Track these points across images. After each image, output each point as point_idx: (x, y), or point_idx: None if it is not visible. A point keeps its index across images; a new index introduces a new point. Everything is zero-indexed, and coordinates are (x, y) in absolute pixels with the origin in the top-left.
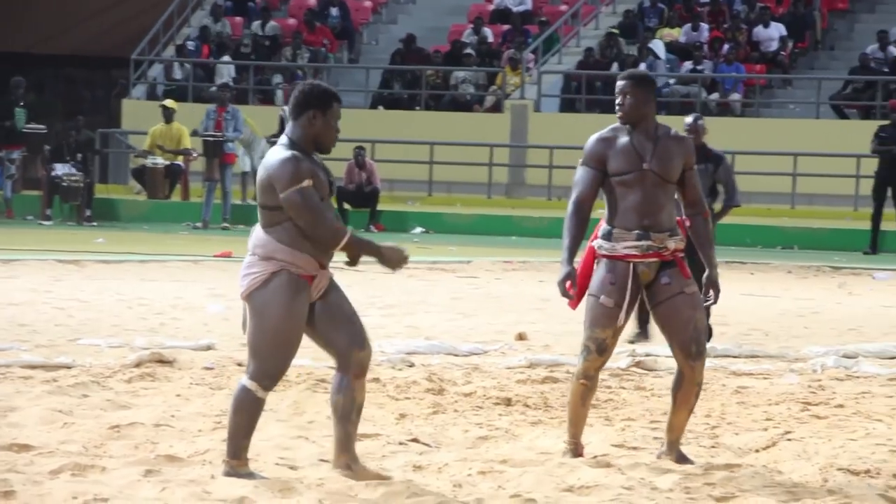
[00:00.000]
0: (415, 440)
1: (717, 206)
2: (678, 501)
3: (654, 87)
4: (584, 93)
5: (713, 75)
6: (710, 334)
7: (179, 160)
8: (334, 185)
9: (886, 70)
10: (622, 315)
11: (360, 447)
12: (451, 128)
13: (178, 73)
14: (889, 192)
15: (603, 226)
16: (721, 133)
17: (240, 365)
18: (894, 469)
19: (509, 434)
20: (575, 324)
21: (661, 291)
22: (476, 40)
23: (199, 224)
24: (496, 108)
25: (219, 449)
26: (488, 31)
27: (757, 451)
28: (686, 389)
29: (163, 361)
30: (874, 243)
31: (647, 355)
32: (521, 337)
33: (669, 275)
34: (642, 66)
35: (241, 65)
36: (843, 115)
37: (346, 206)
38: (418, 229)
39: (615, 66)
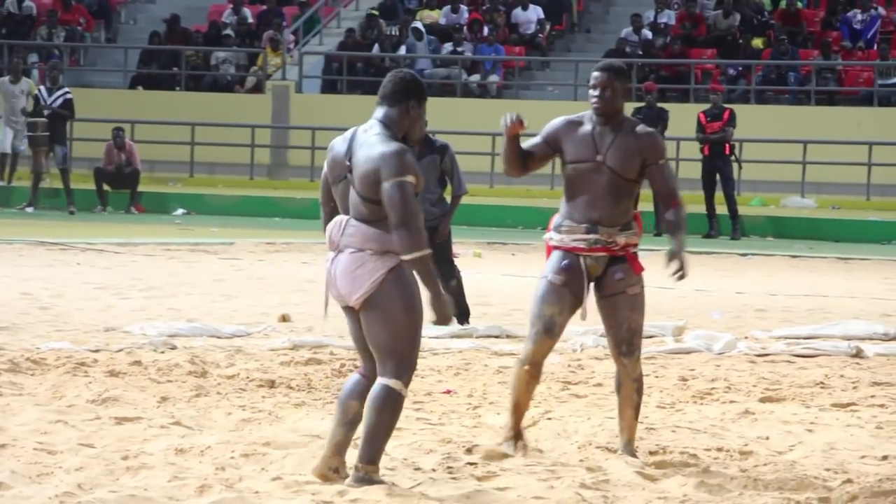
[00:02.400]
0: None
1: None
2: (441, 481)
3: (628, 78)
4: (345, 74)
5: (473, 57)
6: (467, 315)
7: None
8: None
9: (641, 53)
10: (571, 302)
11: (122, 431)
12: (212, 108)
13: None
14: None
15: (556, 218)
16: (480, 115)
17: None
18: (651, 447)
19: (273, 416)
20: (338, 305)
21: (607, 286)
22: (236, 20)
23: None
24: (257, 88)
25: None
26: (248, 12)
27: None
28: (626, 387)
29: None
30: None
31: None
32: (284, 319)
33: (622, 270)
34: (403, 49)
35: None
36: None
37: (106, 187)
38: (180, 211)
39: (376, 48)
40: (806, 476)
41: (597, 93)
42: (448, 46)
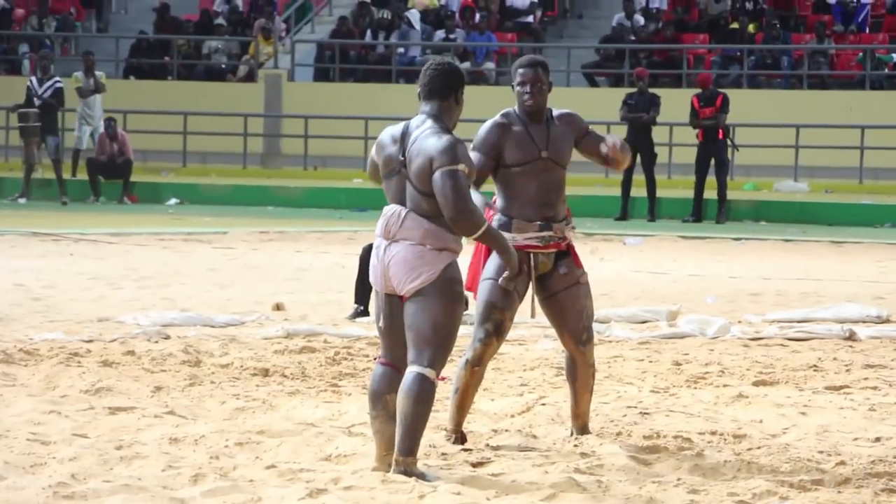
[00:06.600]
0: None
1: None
2: (435, 468)
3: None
4: (337, 62)
5: (466, 44)
6: (466, 304)
7: None
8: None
9: (633, 38)
10: (517, 303)
11: (115, 421)
12: (205, 97)
13: None
14: (638, 159)
15: (498, 216)
16: (475, 102)
17: None
18: (645, 431)
19: (267, 405)
20: (332, 293)
21: (558, 281)
22: (227, 9)
23: None
24: (250, 77)
25: None
26: (239, 0)
27: (513, 416)
28: (582, 373)
29: None
30: (625, 209)
31: None
32: (278, 307)
33: (567, 265)
34: (395, 36)
35: None
36: (593, 83)
37: (100, 177)
38: (173, 200)
39: (368, 35)
40: (799, 458)
41: (527, 89)
42: (440, 34)
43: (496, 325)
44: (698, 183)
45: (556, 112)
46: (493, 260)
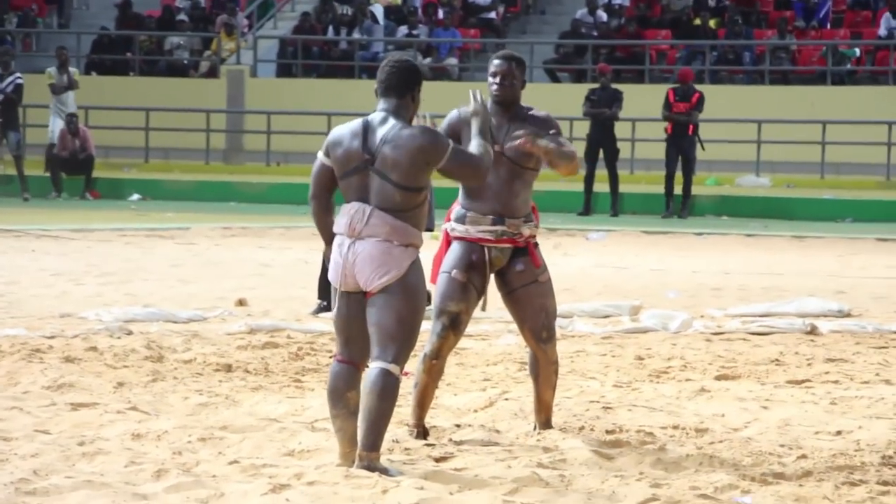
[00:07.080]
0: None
1: None
2: (398, 462)
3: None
4: (300, 58)
5: (429, 40)
6: (429, 299)
7: None
8: None
9: (596, 34)
10: (474, 296)
11: (78, 416)
12: (167, 93)
13: None
14: (601, 154)
15: (456, 208)
16: (438, 98)
17: None
18: (607, 425)
19: (230, 400)
20: (295, 289)
21: (515, 279)
22: (189, 5)
23: None
24: (212, 73)
25: None
26: None
27: (476, 410)
28: (545, 370)
29: None
30: (587, 205)
31: None
32: (241, 303)
33: (524, 262)
34: (357, 32)
35: None
36: (555, 79)
37: (62, 173)
38: (135, 196)
39: (331, 31)
40: (761, 452)
41: (497, 80)
42: (403, 29)
43: (452, 318)
44: (669, 176)
45: (533, 112)
46: (450, 254)
